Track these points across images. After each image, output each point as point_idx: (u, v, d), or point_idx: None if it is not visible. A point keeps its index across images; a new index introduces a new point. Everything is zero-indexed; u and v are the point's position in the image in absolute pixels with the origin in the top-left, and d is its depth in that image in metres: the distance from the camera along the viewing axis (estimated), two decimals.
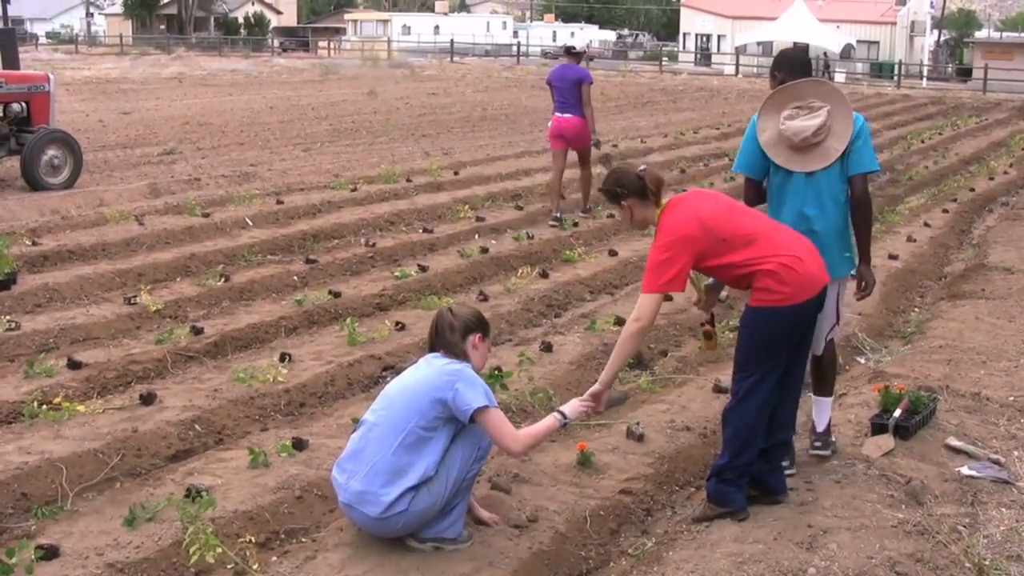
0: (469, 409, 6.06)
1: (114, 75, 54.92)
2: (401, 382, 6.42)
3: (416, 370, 6.42)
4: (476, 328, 6.45)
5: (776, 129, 7.15)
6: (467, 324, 6.41)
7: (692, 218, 6.52)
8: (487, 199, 18.40)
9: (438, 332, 6.43)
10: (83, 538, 6.39)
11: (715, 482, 6.74)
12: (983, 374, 9.43)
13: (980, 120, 38.37)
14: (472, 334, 6.41)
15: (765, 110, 7.27)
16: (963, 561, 6.00)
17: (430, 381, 6.18)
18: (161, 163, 22.61)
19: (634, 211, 6.75)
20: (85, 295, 11.80)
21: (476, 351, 6.45)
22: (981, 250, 15.59)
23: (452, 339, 6.37)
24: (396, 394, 6.30)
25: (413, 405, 6.12)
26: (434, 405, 6.09)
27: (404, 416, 6.10)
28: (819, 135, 6.99)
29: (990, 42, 78.59)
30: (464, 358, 6.36)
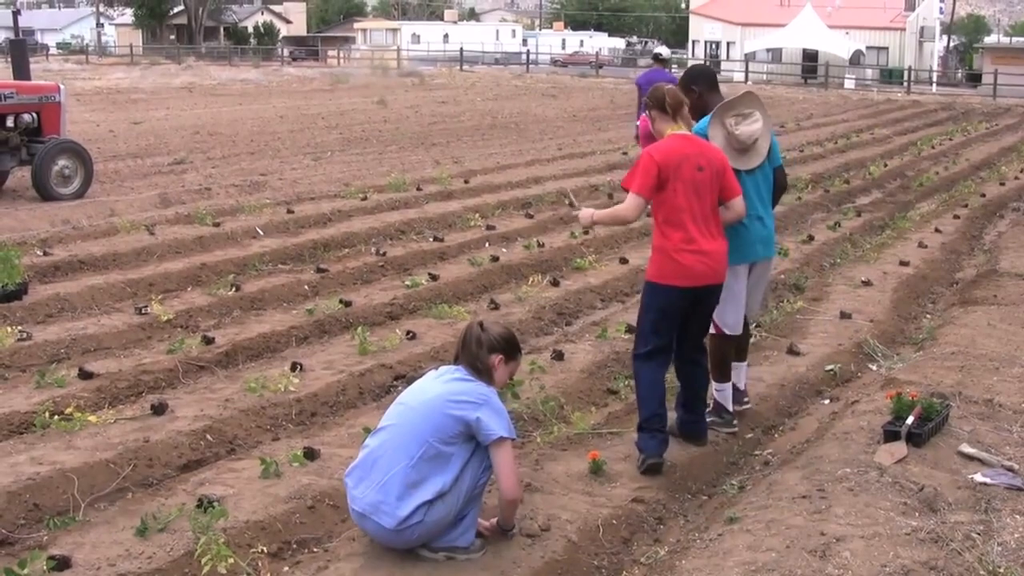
0: (492, 436, 6.08)
1: (124, 85, 55.07)
2: (420, 392, 6.39)
3: (436, 381, 6.38)
4: (501, 349, 6.43)
5: (723, 135, 8.22)
6: (493, 343, 6.40)
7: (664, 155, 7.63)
8: (497, 207, 18.39)
9: (465, 344, 6.43)
10: (95, 549, 6.38)
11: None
12: (996, 380, 9.38)
13: (990, 125, 38.35)
14: (496, 354, 6.40)
15: (713, 122, 8.29)
16: (977, 569, 5.97)
17: (453, 398, 6.16)
18: (171, 173, 22.68)
19: (655, 122, 7.85)
20: (96, 305, 11.81)
21: (496, 371, 6.43)
22: (993, 256, 15.56)
23: (478, 353, 6.36)
24: (415, 404, 6.27)
25: (431, 418, 6.10)
26: (454, 423, 6.08)
27: (422, 428, 6.08)
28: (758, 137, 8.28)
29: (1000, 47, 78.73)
30: (487, 375, 6.35)
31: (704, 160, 7.71)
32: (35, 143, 18.81)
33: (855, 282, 13.44)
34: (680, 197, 7.60)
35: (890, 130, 35.20)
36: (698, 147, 7.77)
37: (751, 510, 6.84)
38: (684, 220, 7.61)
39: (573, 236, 16.17)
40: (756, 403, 9.23)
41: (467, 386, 6.25)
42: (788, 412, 9.36)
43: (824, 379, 10.11)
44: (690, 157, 7.65)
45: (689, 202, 7.62)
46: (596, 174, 23.03)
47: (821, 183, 22.45)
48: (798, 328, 11.66)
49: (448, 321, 11.52)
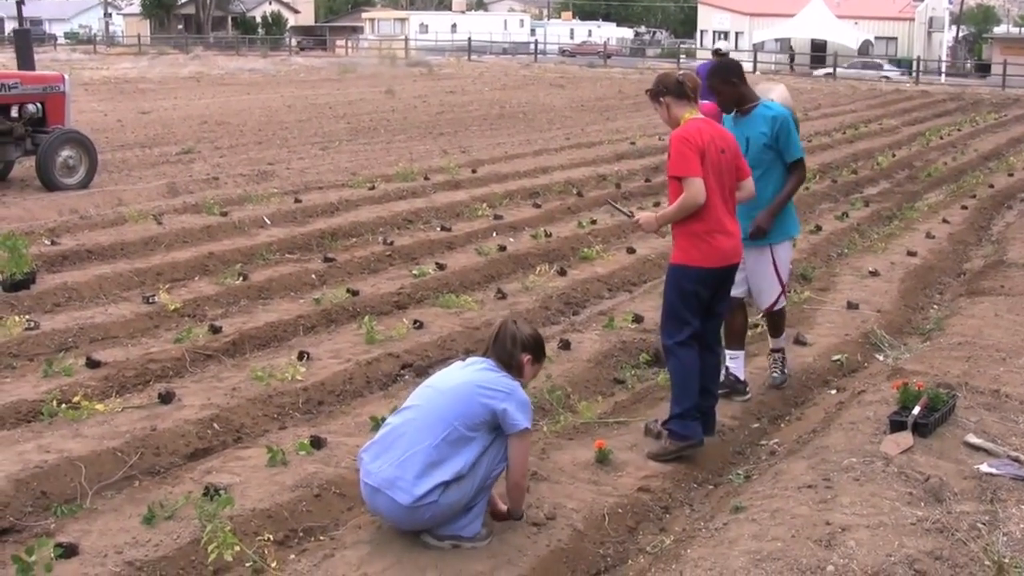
0: (517, 427, 6.22)
1: (132, 75, 55.05)
2: (449, 378, 6.49)
3: (465, 369, 6.49)
4: (530, 350, 6.59)
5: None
6: (525, 342, 6.57)
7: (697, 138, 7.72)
8: (505, 197, 18.39)
9: (498, 338, 6.58)
10: (102, 536, 6.42)
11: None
12: (1002, 371, 9.38)
13: (999, 116, 38.27)
14: (526, 353, 6.55)
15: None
16: (983, 559, 5.97)
17: (483, 385, 6.28)
18: (179, 162, 22.68)
19: (670, 108, 7.93)
20: (104, 294, 11.84)
21: (524, 368, 6.58)
22: (1000, 246, 15.55)
23: (512, 350, 6.51)
24: (444, 388, 6.38)
25: (459, 403, 6.20)
26: (482, 410, 6.19)
27: (449, 412, 6.17)
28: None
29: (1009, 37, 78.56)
30: (516, 370, 6.51)
31: (724, 143, 7.88)
32: (39, 133, 18.79)
33: (862, 272, 13.44)
34: (711, 179, 7.74)
35: (898, 120, 35.13)
36: (717, 130, 7.94)
37: (757, 499, 6.84)
38: (715, 202, 7.77)
39: (580, 226, 16.16)
40: (763, 393, 9.25)
41: (496, 376, 6.39)
42: (795, 402, 9.37)
43: (831, 369, 10.12)
44: (714, 140, 7.81)
45: (718, 183, 7.82)
46: (604, 164, 23.01)
47: (829, 173, 22.44)
48: (805, 318, 11.67)
49: (455, 311, 11.53)
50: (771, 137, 8.58)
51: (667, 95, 7.93)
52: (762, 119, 8.60)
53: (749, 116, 8.67)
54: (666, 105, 7.96)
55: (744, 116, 8.69)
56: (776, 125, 8.59)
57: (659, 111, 8.09)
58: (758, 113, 8.63)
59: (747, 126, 8.65)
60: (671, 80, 7.96)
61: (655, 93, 8.02)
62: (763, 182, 8.58)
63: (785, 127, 8.59)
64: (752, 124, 8.63)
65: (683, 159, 7.69)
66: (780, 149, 8.65)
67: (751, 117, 8.65)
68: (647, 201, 18.51)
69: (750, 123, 8.65)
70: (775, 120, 8.57)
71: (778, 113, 8.63)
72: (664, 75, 8.08)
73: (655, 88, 8.01)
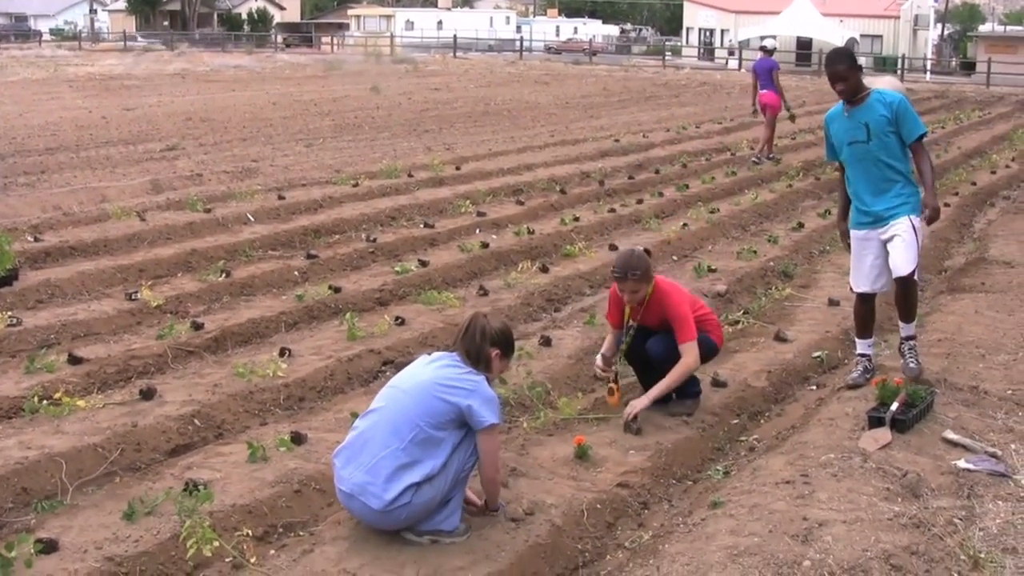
0: (484, 423, 6.22)
1: (117, 71, 54.99)
2: (412, 376, 6.49)
3: (428, 367, 6.49)
4: (499, 344, 6.58)
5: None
6: (494, 337, 6.55)
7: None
8: (488, 194, 18.42)
9: (467, 332, 6.55)
10: (82, 532, 6.42)
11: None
12: (981, 367, 9.43)
13: (983, 114, 38.38)
14: (495, 348, 6.54)
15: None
16: (958, 554, 6.01)
17: (445, 383, 6.27)
18: (163, 159, 22.67)
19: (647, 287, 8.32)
20: (86, 291, 11.83)
21: (493, 363, 6.56)
22: (982, 244, 15.60)
23: (480, 344, 6.49)
24: (407, 387, 6.37)
25: (423, 402, 6.20)
26: (446, 408, 6.19)
27: (413, 412, 6.18)
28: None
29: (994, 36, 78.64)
30: (484, 365, 6.49)
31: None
32: None
33: (844, 269, 13.35)
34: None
35: None
36: None
37: (735, 495, 6.88)
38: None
39: (563, 223, 16.19)
40: (742, 389, 9.27)
41: (459, 372, 6.37)
42: (775, 398, 9.40)
43: (811, 365, 10.15)
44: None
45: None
46: (588, 161, 23.04)
47: (812, 171, 22.47)
48: (786, 315, 11.71)
49: (437, 307, 11.55)
50: (891, 121, 8.60)
51: (649, 275, 8.32)
52: (880, 104, 8.64)
53: (864, 104, 8.68)
54: (649, 284, 8.34)
55: (858, 105, 8.69)
56: (895, 108, 8.61)
57: (639, 291, 8.30)
58: (874, 99, 8.67)
59: (865, 113, 8.66)
60: (646, 261, 8.37)
61: (644, 277, 8.26)
62: (889, 156, 8.68)
63: (903, 107, 8.63)
64: (869, 110, 8.65)
65: (690, 322, 8.36)
66: (900, 130, 8.66)
67: (867, 105, 8.67)
68: (630, 199, 18.54)
69: (867, 110, 8.66)
70: (892, 104, 8.62)
71: (894, 98, 8.69)
72: (641, 257, 8.33)
73: (644, 271, 8.25)
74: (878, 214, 8.70)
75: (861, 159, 8.71)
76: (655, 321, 8.43)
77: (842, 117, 8.80)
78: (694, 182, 20.70)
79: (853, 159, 8.78)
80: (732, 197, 19.35)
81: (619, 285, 8.30)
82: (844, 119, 8.76)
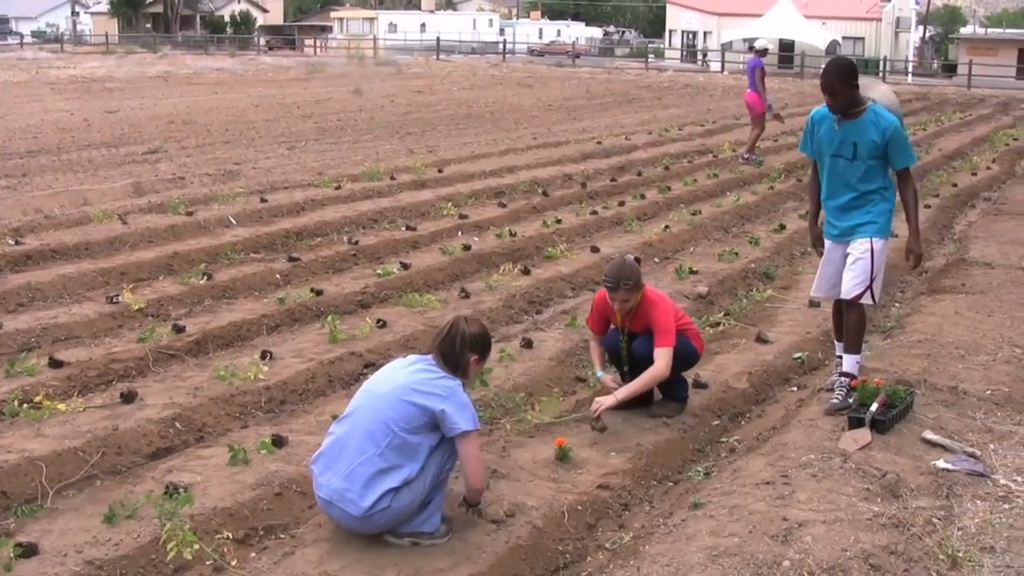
0: (457, 430, 6.22)
1: (99, 74, 54.85)
2: (386, 380, 6.48)
3: (402, 371, 6.48)
4: (477, 349, 6.59)
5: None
6: (474, 342, 6.56)
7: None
8: (470, 197, 18.41)
9: (447, 337, 6.55)
10: (62, 536, 6.42)
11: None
12: (961, 368, 9.47)
13: (964, 116, 38.49)
14: (474, 353, 6.55)
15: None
16: (937, 553, 6.04)
17: (418, 387, 6.28)
18: (145, 162, 22.60)
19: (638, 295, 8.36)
20: (68, 294, 11.80)
21: (470, 368, 6.58)
22: (962, 245, 15.66)
23: (460, 350, 6.49)
24: (380, 392, 6.37)
25: (397, 407, 6.20)
26: (420, 412, 6.19)
27: (387, 417, 6.18)
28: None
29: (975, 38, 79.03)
30: (462, 370, 6.50)
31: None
32: None
33: None
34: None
35: None
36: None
37: (715, 496, 6.90)
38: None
39: (545, 225, 16.20)
40: (723, 390, 9.30)
41: (432, 377, 6.37)
42: (755, 399, 9.42)
43: (792, 367, 10.18)
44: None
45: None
46: (570, 163, 23.05)
47: (794, 172, 22.52)
48: (767, 316, 11.75)
49: (419, 310, 11.55)
50: (881, 147, 8.29)
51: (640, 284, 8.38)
52: (873, 127, 8.29)
53: (857, 121, 8.34)
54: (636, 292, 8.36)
55: (852, 119, 8.36)
56: (888, 135, 8.29)
57: (630, 299, 8.32)
58: (868, 120, 8.31)
59: (856, 131, 8.36)
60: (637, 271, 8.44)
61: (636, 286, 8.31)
62: (865, 181, 8.46)
63: (897, 136, 8.32)
64: (862, 131, 8.33)
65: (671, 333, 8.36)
66: (889, 156, 8.39)
67: (860, 122, 8.33)
68: (612, 201, 18.57)
69: (859, 129, 8.34)
70: (886, 131, 8.26)
71: (888, 124, 8.30)
72: (633, 267, 8.41)
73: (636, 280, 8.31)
74: (843, 229, 8.61)
75: (840, 174, 8.53)
76: (640, 327, 8.45)
77: (831, 125, 8.48)
78: (676, 184, 20.73)
79: (832, 171, 8.59)
80: (714, 199, 19.39)
81: (610, 295, 8.30)
82: (833, 128, 8.47)
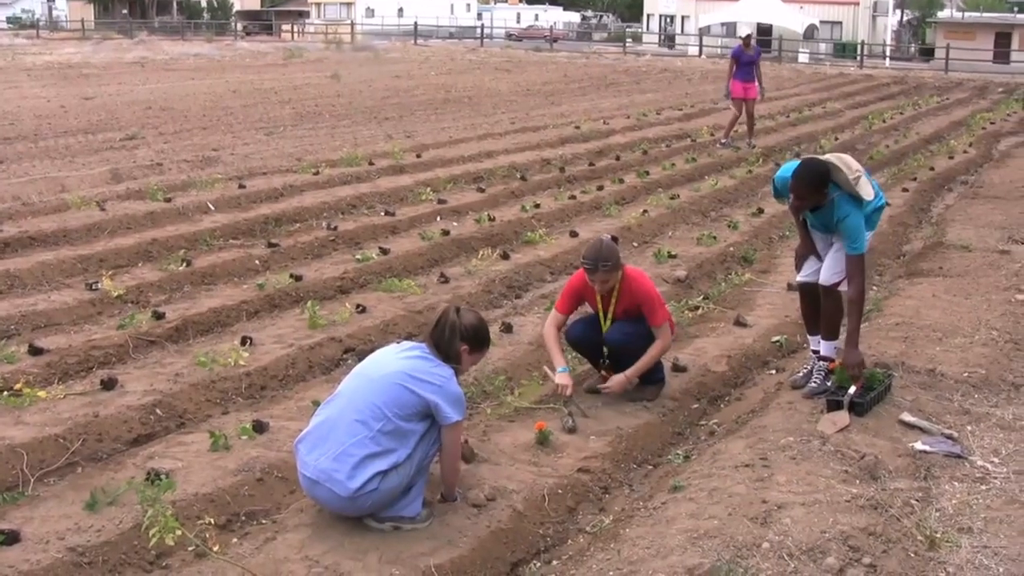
0: (450, 420, 6.28)
1: (76, 60, 54.54)
2: (380, 365, 6.49)
3: (397, 356, 6.49)
4: (469, 340, 6.58)
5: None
6: (463, 332, 6.56)
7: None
8: (449, 181, 18.42)
9: (438, 325, 6.57)
10: (44, 523, 6.42)
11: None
12: (939, 351, 9.53)
13: (941, 99, 38.60)
14: (464, 343, 6.55)
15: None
16: (915, 534, 6.09)
17: (414, 375, 6.30)
18: (123, 148, 22.50)
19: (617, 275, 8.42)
20: (46, 281, 11.77)
21: (462, 358, 6.59)
22: (939, 228, 15.73)
23: (450, 339, 6.51)
24: (375, 376, 6.38)
25: (391, 393, 6.23)
26: (414, 399, 6.23)
27: (381, 401, 6.21)
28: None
29: (952, 22, 79.18)
30: (454, 359, 6.52)
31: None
32: None
33: None
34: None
35: (842, 104, 35.38)
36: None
37: (695, 479, 6.94)
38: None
39: (524, 210, 16.21)
40: (702, 374, 9.34)
41: (428, 365, 6.39)
42: (734, 383, 9.47)
43: (770, 350, 10.23)
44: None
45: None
46: (549, 148, 23.04)
47: (772, 156, 22.59)
48: (745, 300, 11.79)
49: (398, 295, 11.56)
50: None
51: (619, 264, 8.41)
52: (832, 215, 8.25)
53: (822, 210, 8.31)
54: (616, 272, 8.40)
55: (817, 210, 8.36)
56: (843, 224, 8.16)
57: (611, 279, 8.38)
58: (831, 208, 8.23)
59: (822, 218, 8.38)
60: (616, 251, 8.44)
61: (615, 266, 8.35)
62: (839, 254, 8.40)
63: (849, 225, 8.13)
64: (827, 217, 8.31)
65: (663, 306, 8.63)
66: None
67: (825, 210, 8.29)
68: (591, 185, 18.59)
69: (825, 216, 8.33)
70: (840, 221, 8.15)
71: (842, 215, 8.18)
72: (611, 247, 8.40)
73: (615, 261, 8.33)
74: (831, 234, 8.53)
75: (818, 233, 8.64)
76: (622, 309, 8.47)
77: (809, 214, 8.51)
78: (655, 169, 20.76)
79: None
80: (692, 183, 19.43)
81: (590, 276, 8.32)
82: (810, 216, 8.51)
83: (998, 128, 29.38)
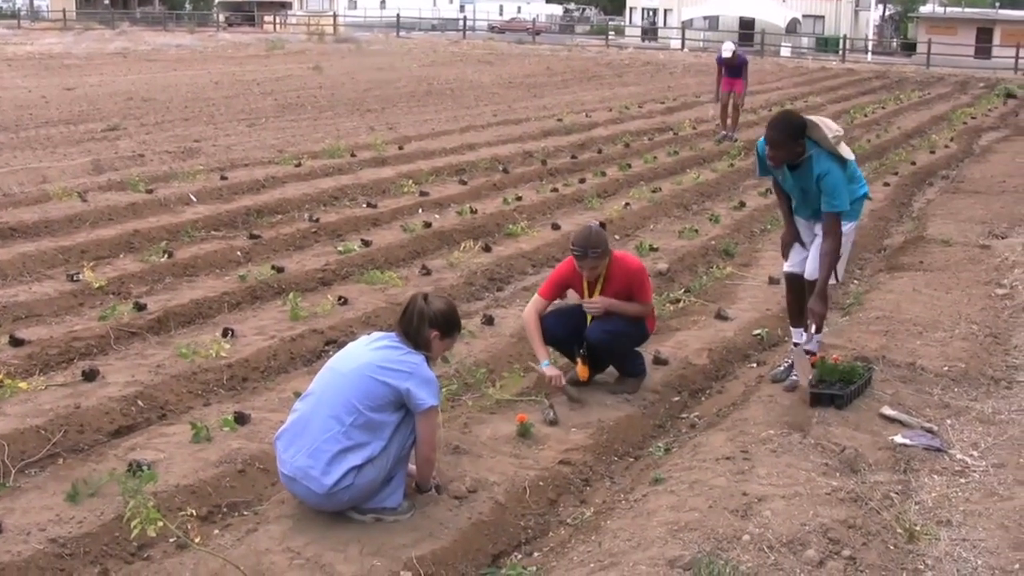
0: (423, 406, 6.24)
1: (57, 50, 54.36)
2: (351, 358, 6.48)
3: (366, 348, 6.49)
4: (438, 326, 6.53)
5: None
6: (433, 318, 6.51)
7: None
8: (431, 174, 18.41)
9: (407, 313, 6.54)
10: (25, 514, 6.41)
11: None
12: (919, 344, 9.58)
13: (923, 94, 38.74)
14: (433, 329, 6.51)
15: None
16: (895, 527, 6.12)
17: (383, 365, 6.28)
18: (105, 139, 22.43)
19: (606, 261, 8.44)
20: (27, 272, 11.74)
21: (432, 345, 6.54)
22: (920, 223, 15.78)
23: (418, 326, 6.47)
24: (345, 370, 6.38)
25: (361, 386, 6.21)
26: (384, 390, 6.20)
27: (352, 394, 6.19)
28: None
29: (934, 17, 79.23)
30: (424, 346, 6.48)
31: None
32: None
33: None
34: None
35: (824, 98, 35.47)
36: None
37: (676, 471, 6.96)
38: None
39: (506, 202, 16.22)
40: (684, 367, 9.35)
41: (397, 354, 6.36)
42: (715, 376, 9.48)
43: (751, 343, 10.25)
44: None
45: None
46: (531, 140, 23.07)
47: (753, 150, 22.54)
48: (727, 293, 11.81)
49: (380, 287, 11.56)
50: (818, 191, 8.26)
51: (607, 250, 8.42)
52: (811, 174, 8.25)
53: (800, 169, 8.31)
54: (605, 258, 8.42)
55: (795, 169, 8.35)
56: (819, 181, 8.20)
57: (599, 266, 8.42)
58: (809, 167, 8.24)
59: (801, 179, 8.37)
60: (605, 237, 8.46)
61: (604, 252, 8.37)
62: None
63: (829, 182, 8.16)
64: (807, 178, 8.31)
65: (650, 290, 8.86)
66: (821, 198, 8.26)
67: (804, 170, 8.29)
68: (573, 178, 18.61)
69: (804, 176, 8.33)
70: (820, 177, 8.16)
71: (823, 170, 8.18)
72: (600, 234, 8.42)
73: (604, 248, 8.35)
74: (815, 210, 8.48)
75: (801, 203, 8.61)
76: (612, 290, 8.54)
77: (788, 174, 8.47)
78: (636, 162, 20.80)
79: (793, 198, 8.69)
80: (674, 176, 19.47)
81: (579, 263, 8.35)
82: (789, 176, 8.47)
83: (979, 123, 29.52)
